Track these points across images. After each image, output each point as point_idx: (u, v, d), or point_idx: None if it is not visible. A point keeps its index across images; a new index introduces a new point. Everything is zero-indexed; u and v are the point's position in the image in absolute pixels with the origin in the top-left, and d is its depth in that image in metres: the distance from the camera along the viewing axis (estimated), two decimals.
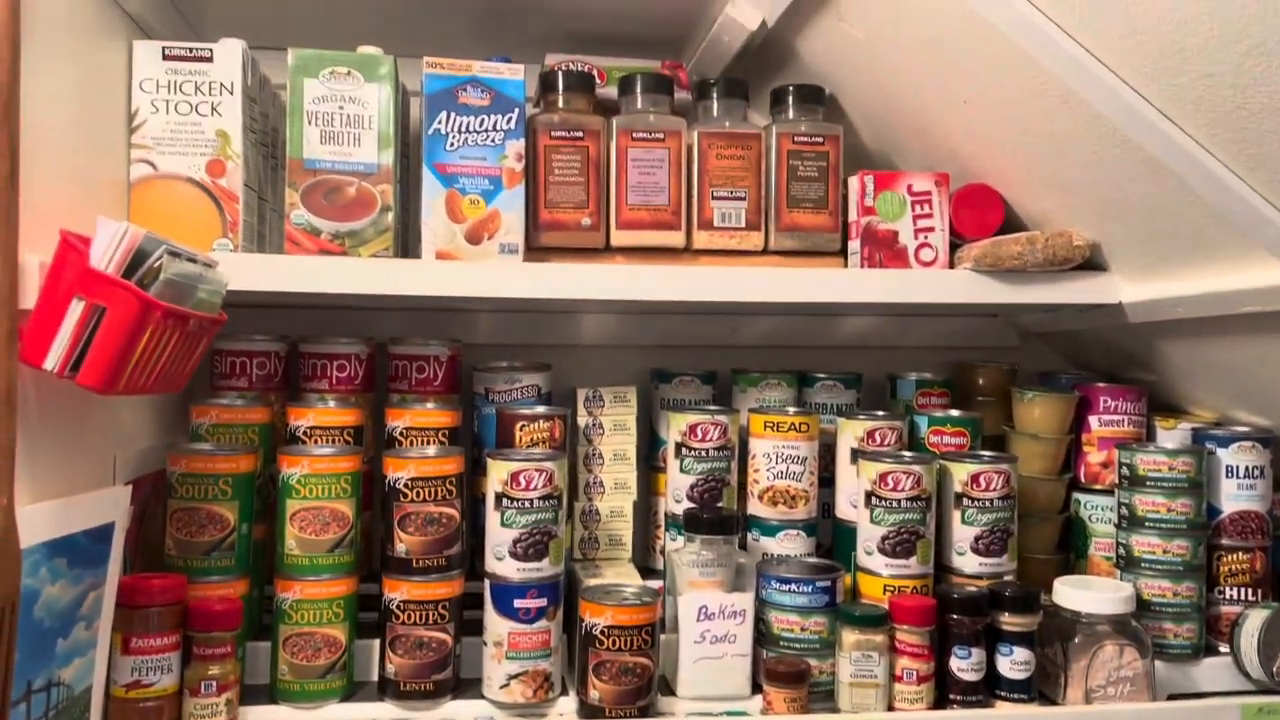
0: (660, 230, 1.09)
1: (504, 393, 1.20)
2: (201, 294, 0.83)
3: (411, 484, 1.01)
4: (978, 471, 1.10)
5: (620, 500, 1.20)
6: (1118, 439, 1.20)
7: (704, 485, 1.14)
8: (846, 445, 1.17)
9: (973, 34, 0.92)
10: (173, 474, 0.99)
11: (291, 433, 1.08)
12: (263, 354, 1.15)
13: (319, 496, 1.00)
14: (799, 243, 1.12)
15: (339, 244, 1.01)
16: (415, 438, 1.10)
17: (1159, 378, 1.24)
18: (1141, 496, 1.12)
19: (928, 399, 1.27)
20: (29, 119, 0.74)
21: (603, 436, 1.20)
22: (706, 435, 1.14)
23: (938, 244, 1.11)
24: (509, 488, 1.01)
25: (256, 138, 1.05)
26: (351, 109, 1.01)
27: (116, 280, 0.72)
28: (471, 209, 1.03)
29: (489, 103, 1.03)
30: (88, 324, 0.72)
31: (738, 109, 1.14)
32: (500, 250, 1.04)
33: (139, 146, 0.99)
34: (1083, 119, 0.91)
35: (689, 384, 1.26)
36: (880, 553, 1.08)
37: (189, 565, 0.98)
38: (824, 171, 1.12)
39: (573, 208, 1.08)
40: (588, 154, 1.08)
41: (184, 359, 0.85)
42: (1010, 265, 1.07)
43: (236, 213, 1.00)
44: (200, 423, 1.06)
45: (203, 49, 1.00)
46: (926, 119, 1.11)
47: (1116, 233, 1.04)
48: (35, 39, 0.77)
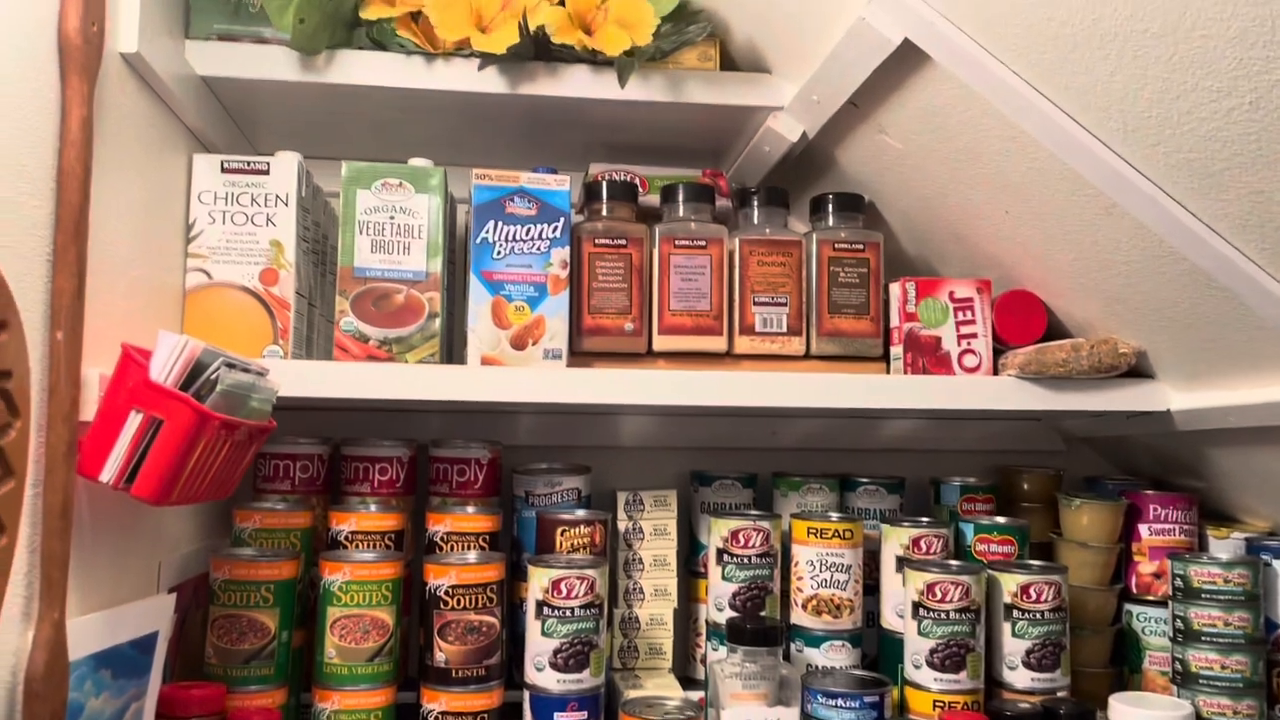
0: (702, 335, 1.10)
1: (544, 496, 1.19)
2: (254, 403, 0.84)
3: (452, 591, 1.00)
4: (1028, 582, 1.07)
5: (661, 607, 1.18)
6: (1169, 548, 1.17)
7: (746, 593, 1.12)
8: (891, 553, 1.15)
9: (1014, 146, 0.93)
10: (215, 580, 0.99)
11: (333, 538, 1.08)
12: (306, 457, 1.16)
13: (360, 604, 0.99)
14: (841, 348, 1.12)
15: (386, 350, 1.02)
16: (456, 543, 1.09)
17: (1209, 485, 1.22)
18: (1197, 609, 1.09)
19: (972, 504, 1.26)
20: (95, 234, 0.76)
21: (643, 541, 1.19)
22: (749, 541, 1.13)
23: (981, 350, 1.11)
24: (550, 595, 1.00)
25: (309, 246, 1.08)
26: (402, 219, 1.03)
27: (174, 393, 0.73)
28: (517, 315, 1.04)
29: (535, 212, 1.05)
30: (145, 436, 0.73)
31: (778, 216, 1.16)
32: (544, 355, 1.05)
33: (195, 256, 1.01)
34: (1127, 230, 0.92)
35: (730, 487, 1.26)
36: (929, 666, 1.05)
37: (228, 674, 0.97)
38: (865, 277, 1.12)
39: (616, 313, 1.09)
40: (631, 261, 1.10)
41: (233, 467, 0.85)
42: (1055, 372, 1.06)
43: (288, 320, 1.01)
44: (243, 527, 1.06)
45: (260, 162, 1.03)
46: (967, 227, 1.12)
47: (1163, 341, 1.03)
48: (103, 155, 0.79)
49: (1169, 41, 0.72)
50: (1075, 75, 0.81)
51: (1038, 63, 0.83)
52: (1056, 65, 0.82)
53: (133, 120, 0.88)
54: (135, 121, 0.88)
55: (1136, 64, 0.76)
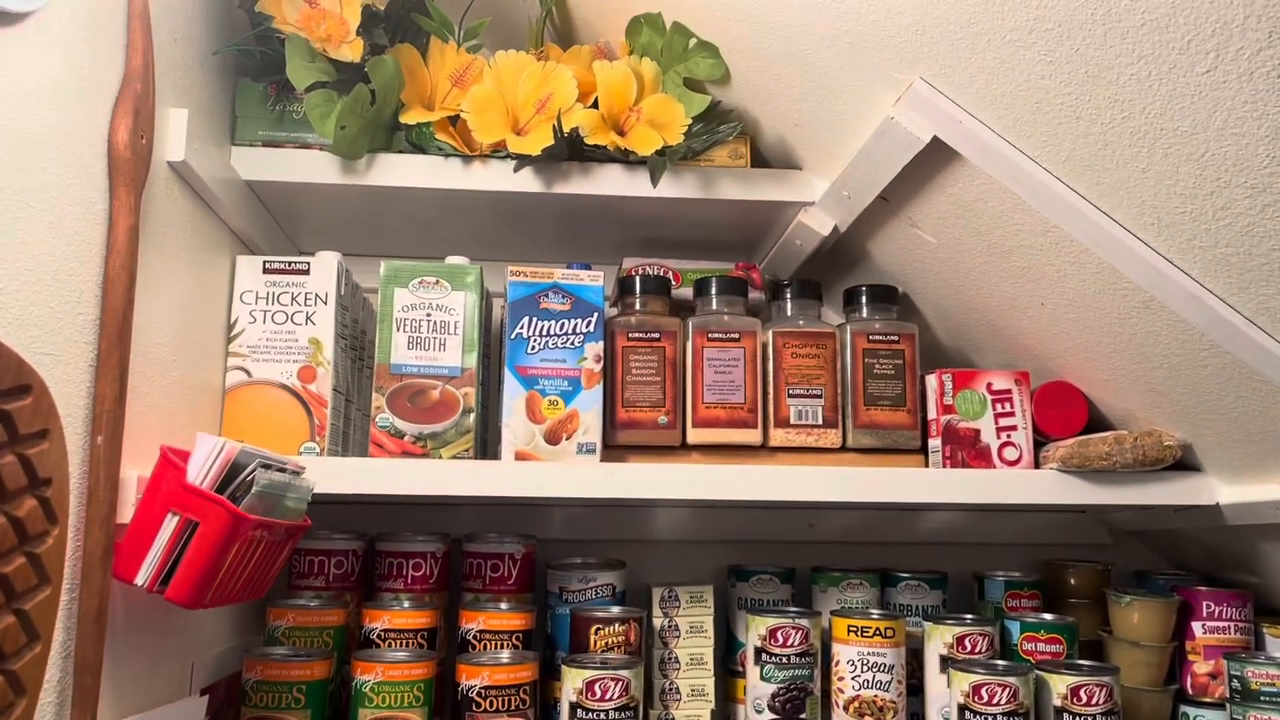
0: (737, 428, 1.09)
1: (578, 592, 1.18)
2: (289, 502, 0.84)
3: (485, 692, 0.98)
4: (1078, 684, 1.04)
5: (698, 708, 1.15)
6: (1224, 647, 1.13)
7: (786, 694, 1.09)
8: (935, 652, 1.12)
9: (1047, 241, 0.93)
10: (248, 680, 0.98)
11: (366, 636, 1.07)
12: (340, 553, 1.16)
13: (392, 705, 0.98)
14: (878, 440, 1.11)
15: (421, 446, 1.02)
16: (489, 641, 1.08)
17: (1263, 580, 1.18)
18: (1256, 713, 1.04)
19: (1018, 600, 1.22)
20: (138, 337, 0.78)
21: (679, 639, 1.17)
22: (788, 640, 1.10)
23: (1021, 442, 1.09)
24: (584, 698, 0.98)
25: (346, 343, 1.09)
26: (438, 315, 1.05)
27: (210, 495, 0.74)
28: (551, 410, 1.05)
29: (569, 307, 1.06)
30: (180, 538, 0.73)
31: (811, 308, 1.16)
32: (578, 450, 1.05)
33: (236, 354, 1.03)
34: (1165, 324, 0.90)
35: (767, 583, 1.23)
36: None
37: None
38: (900, 369, 1.12)
39: (649, 406, 1.09)
40: (664, 354, 1.10)
41: (268, 566, 0.85)
42: (1098, 466, 1.04)
43: (325, 416, 1.02)
44: (277, 625, 1.06)
45: (301, 263, 1.05)
46: (1002, 319, 1.11)
47: (1209, 434, 1.01)
48: (149, 260, 0.81)
49: (1200, 139, 0.72)
50: (1106, 172, 0.81)
51: (1068, 159, 0.84)
52: (1087, 162, 0.82)
53: (178, 225, 0.90)
54: (180, 226, 0.91)
55: (1167, 161, 0.76)
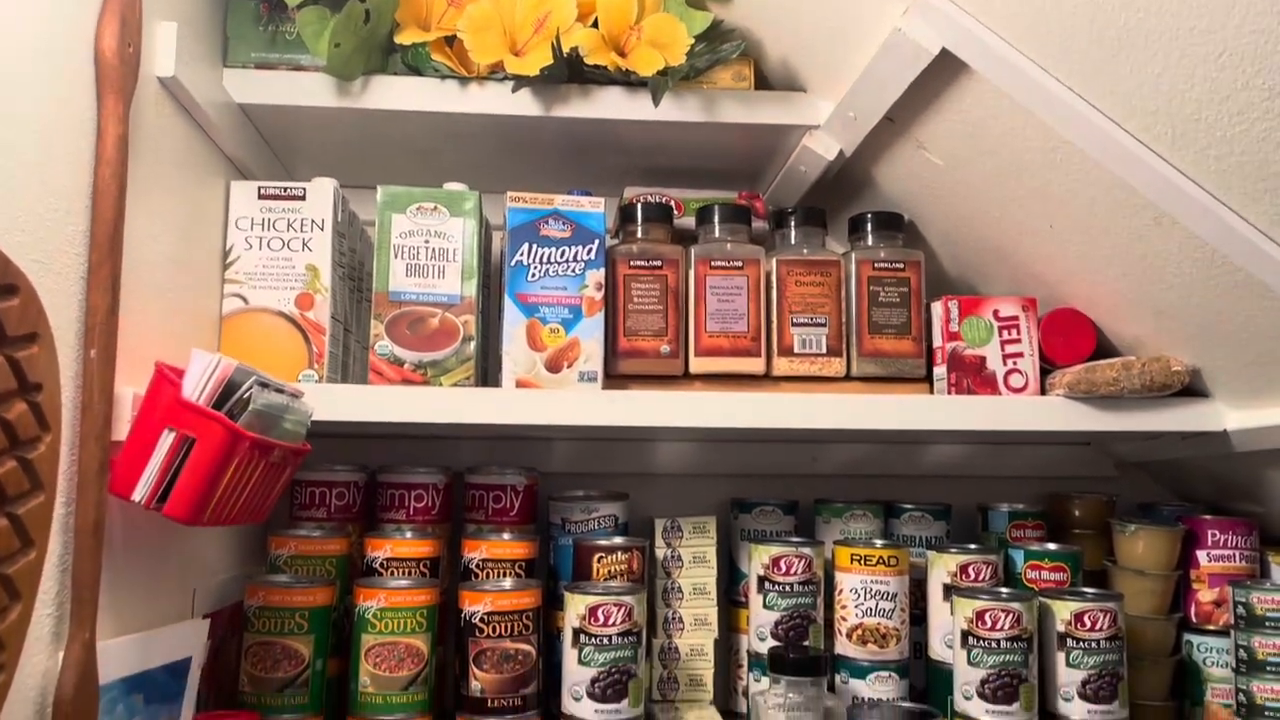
0: (740, 357, 1.08)
1: (581, 523, 1.18)
2: (287, 424, 0.83)
3: (488, 618, 0.98)
4: (1082, 610, 1.03)
5: (701, 637, 1.15)
6: (1229, 575, 1.13)
7: (789, 622, 1.09)
8: (938, 581, 1.11)
9: (1057, 157, 0.91)
10: (250, 607, 0.98)
11: (368, 564, 1.06)
12: (342, 484, 1.15)
13: (395, 631, 0.98)
14: (882, 369, 1.10)
15: (421, 374, 1.01)
16: (492, 570, 1.07)
17: (1269, 509, 1.17)
18: (1261, 638, 1.04)
19: (1022, 531, 1.22)
20: (130, 254, 0.76)
21: (682, 569, 1.17)
22: (791, 569, 1.10)
23: (1028, 370, 1.08)
24: (587, 623, 0.98)
25: (344, 271, 1.08)
26: (437, 243, 1.03)
27: (207, 411, 0.73)
28: (552, 338, 1.03)
29: (570, 234, 1.05)
30: (177, 455, 0.72)
31: (816, 236, 1.14)
32: (579, 378, 1.03)
33: (232, 281, 1.02)
34: (1177, 241, 0.89)
35: (770, 514, 1.23)
36: (980, 697, 1.01)
37: (262, 702, 0.96)
38: (905, 297, 1.10)
39: (652, 335, 1.08)
40: (666, 283, 1.08)
41: (267, 490, 0.85)
42: (1105, 392, 1.03)
43: (323, 344, 1.01)
44: (279, 554, 1.06)
45: (296, 188, 1.03)
46: (1010, 244, 1.09)
47: (1218, 358, 1.00)
48: (139, 177, 0.80)
49: (1218, 39, 0.70)
50: (1120, 79, 0.79)
51: (1080, 67, 0.82)
52: (1099, 68, 0.80)
53: (169, 144, 0.88)
54: (172, 145, 0.89)
55: (1183, 64, 0.74)
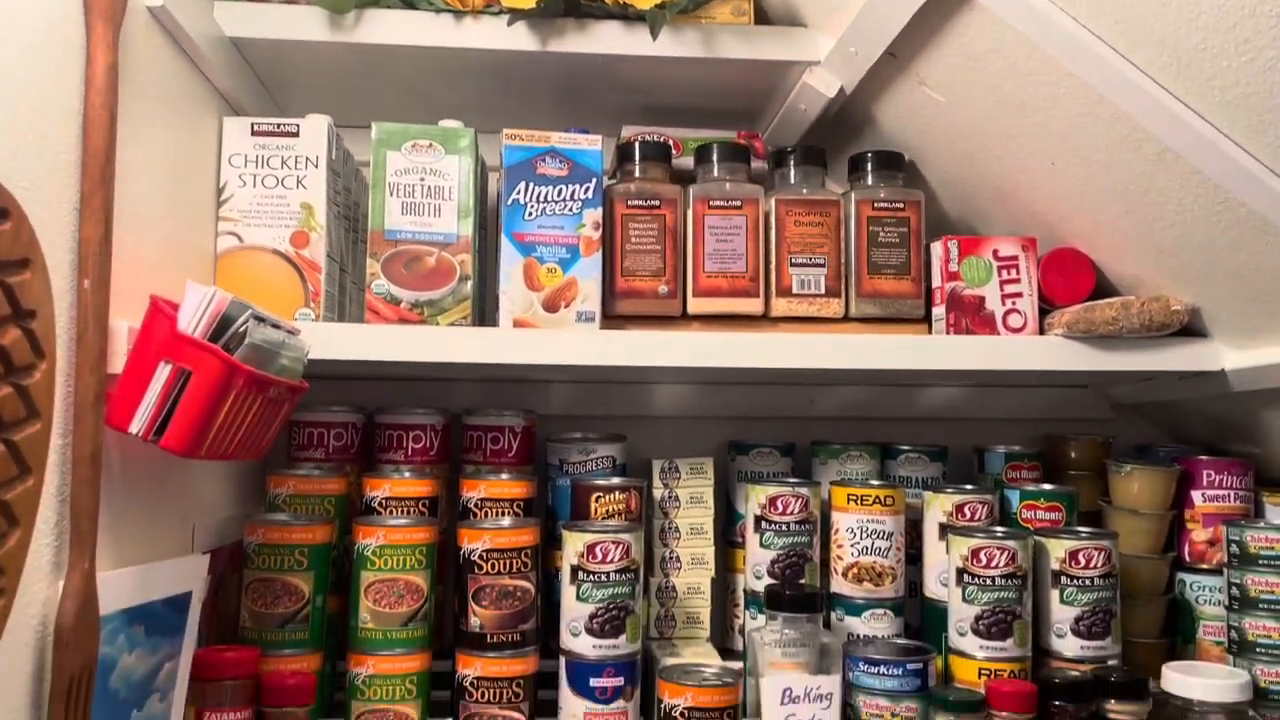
0: (738, 297, 1.08)
1: (579, 464, 1.18)
2: (284, 360, 0.83)
3: (486, 555, 0.99)
4: (1076, 548, 1.04)
5: (698, 576, 1.16)
6: (1224, 515, 1.13)
7: (785, 560, 1.10)
8: (934, 520, 1.12)
9: (1060, 91, 0.90)
10: (249, 544, 0.99)
11: (367, 504, 1.07)
12: (340, 425, 1.15)
13: (394, 568, 0.98)
14: (881, 309, 1.09)
15: (418, 313, 1.01)
16: (490, 509, 1.08)
17: (1265, 450, 1.18)
18: (1253, 576, 1.05)
19: (1018, 472, 1.22)
20: (123, 187, 0.76)
21: (679, 510, 1.17)
22: (787, 508, 1.10)
23: (1026, 310, 1.08)
24: (585, 560, 0.99)
25: (339, 210, 1.07)
26: (432, 180, 1.02)
27: (203, 344, 0.73)
28: (549, 277, 1.03)
29: (567, 173, 1.04)
30: (173, 387, 0.72)
31: (815, 176, 1.13)
32: (577, 318, 1.03)
33: (226, 219, 1.01)
34: (1180, 176, 0.88)
35: (767, 456, 1.23)
36: (974, 634, 1.02)
37: (263, 637, 0.97)
38: (905, 237, 1.10)
39: (649, 275, 1.07)
40: (664, 222, 1.07)
41: (265, 426, 0.85)
42: (1104, 331, 1.03)
43: (319, 282, 1.01)
44: (277, 493, 1.06)
45: (290, 124, 1.02)
46: (1011, 182, 1.08)
47: (1218, 296, 0.99)
48: (130, 109, 0.79)
49: None
50: (1124, 8, 0.78)
51: None
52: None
53: (160, 76, 0.87)
54: (162, 78, 0.87)
55: None
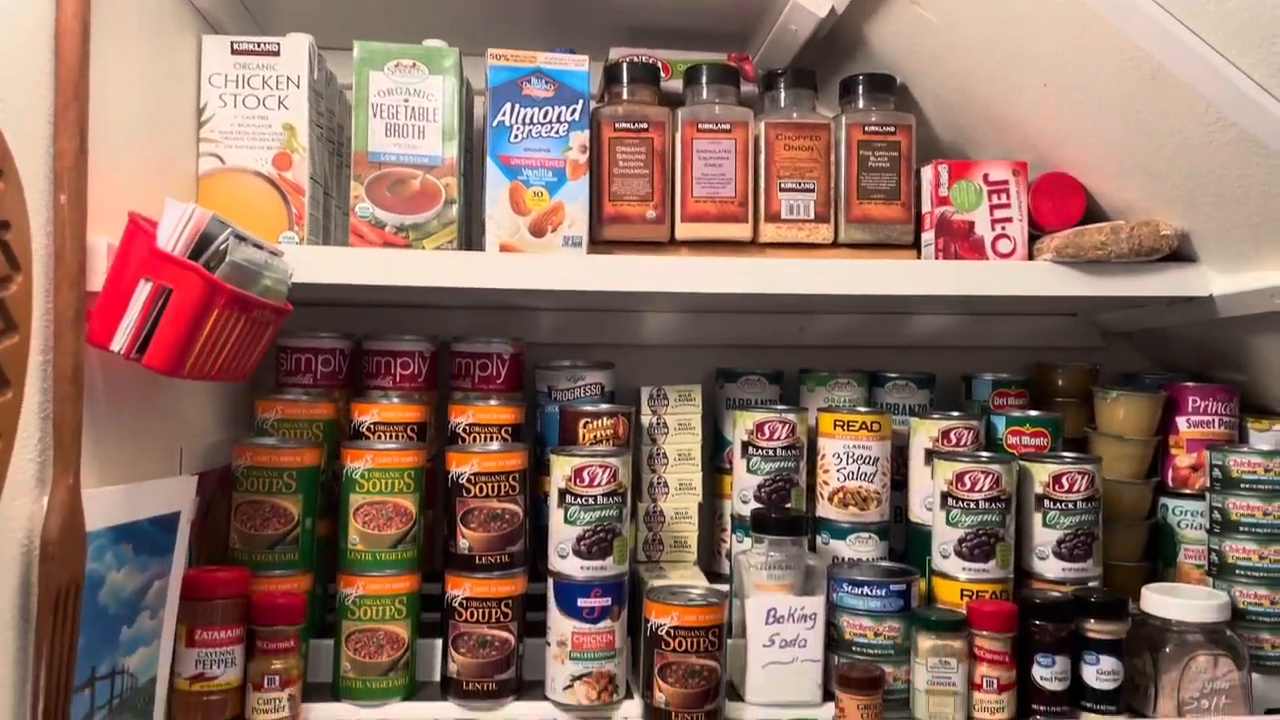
0: (726, 223, 1.07)
1: (567, 391, 1.18)
2: (267, 281, 0.83)
3: (474, 479, 0.99)
4: (1060, 472, 1.05)
5: (685, 501, 1.17)
6: (1208, 441, 1.14)
7: (771, 485, 1.11)
8: (920, 446, 1.13)
9: (1054, 9, 0.88)
10: (238, 467, 0.99)
11: (355, 428, 1.07)
12: (327, 351, 1.15)
13: (382, 491, 0.99)
14: (870, 235, 1.09)
15: (403, 237, 1.00)
16: (478, 434, 1.08)
17: (1250, 377, 1.18)
18: (1235, 500, 1.06)
19: (1005, 399, 1.23)
20: (100, 105, 0.74)
21: (667, 436, 1.18)
22: (774, 434, 1.11)
23: (1016, 235, 1.07)
24: (572, 484, 0.99)
25: (322, 133, 1.06)
26: (416, 101, 1.01)
27: (183, 261, 0.72)
28: (535, 201, 1.02)
29: (553, 94, 1.02)
30: (154, 305, 0.72)
31: (806, 99, 1.12)
32: (564, 243, 1.02)
33: (207, 140, 0.99)
34: (1173, 97, 0.87)
35: (755, 383, 1.23)
36: (957, 556, 1.04)
37: (253, 559, 0.97)
38: (895, 162, 1.09)
39: (637, 200, 1.06)
40: (652, 146, 1.06)
41: (250, 347, 0.84)
42: (1093, 256, 1.02)
43: (302, 205, 1.00)
44: (265, 417, 1.06)
45: (270, 43, 1.00)
46: (1003, 105, 1.07)
47: (1208, 220, 0.99)
48: (106, 26, 0.77)
49: None
50: None
51: None
52: None
53: None
54: None
55: None
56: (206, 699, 0.90)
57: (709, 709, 0.96)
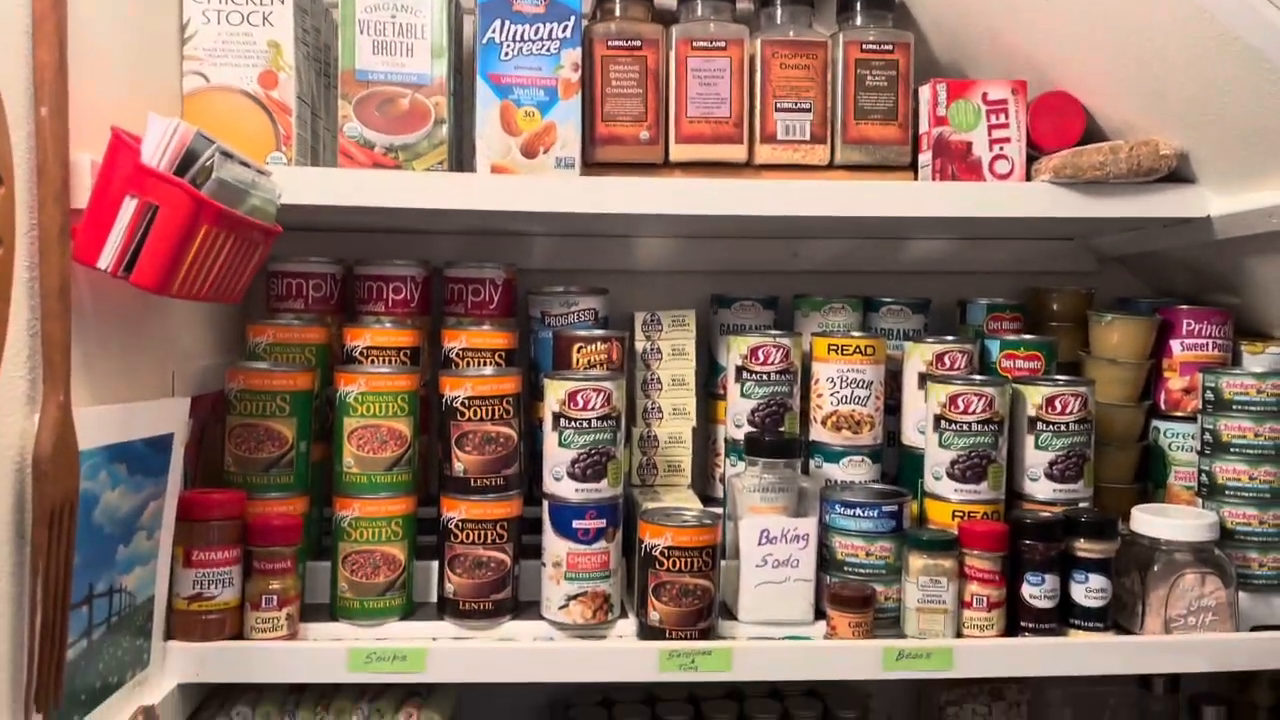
0: (721, 144, 1.06)
1: (560, 316, 1.18)
2: (255, 200, 0.82)
3: (468, 403, 0.99)
4: (1053, 394, 1.05)
5: (679, 426, 1.17)
6: (1201, 363, 1.14)
7: (765, 410, 1.11)
8: (914, 370, 1.13)
9: None
10: (231, 390, 0.99)
11: (348, 353, 1.07)
12: (319, 276, 1.14)
13: (376, 415, 0.99)
14: (867, 156, 1.07)
15: (393, 158, 0.98)
16: (472, 359, 1.08)
17: (1246, 300, 1.18)
18: (1227, 421, 1.06)
19: (999, 324, 1.23)
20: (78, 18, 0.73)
21: (661, 361, 1.18)
22: (768, 358, 1.11)
23: (1014, 156, 1.06)
24: (566, 407, 0.99)
25: (309, 51, 1.03)
26: (404, 18, 0.98)
27: (169, 177, 0.71)
28: (526, 121, 1.00)
29: (544, 10, 1.00)
30: (141, 223, 0.71)
31: (802, 16, 1.10)
32: (556, 164, 1.01)
33: (191, 58, 0.97)
34: (1174, 11, 0.85)
35: (749, 309, 1.23)
36: (949, 477, 1.04)
37: (248, 481, 0.98)
38: (893, 81, 1.07)
39: (630, 121, 1.04)
40: (646, 64, 1.04)
41: (239, 268, 0.83)
42: (1091, 176, 1.01)
43: (289, 125, 0.98)
44: (257, 341, 1.06)
45: None
46: (1002, 22, 1.05)
47: (1207, 139, 0.98)
48: None
49: None
50: None
51: None
52: None
53: None
54: None
55: None
56: (205, 618, 0.91)
57: (702, 627, 0.97)
